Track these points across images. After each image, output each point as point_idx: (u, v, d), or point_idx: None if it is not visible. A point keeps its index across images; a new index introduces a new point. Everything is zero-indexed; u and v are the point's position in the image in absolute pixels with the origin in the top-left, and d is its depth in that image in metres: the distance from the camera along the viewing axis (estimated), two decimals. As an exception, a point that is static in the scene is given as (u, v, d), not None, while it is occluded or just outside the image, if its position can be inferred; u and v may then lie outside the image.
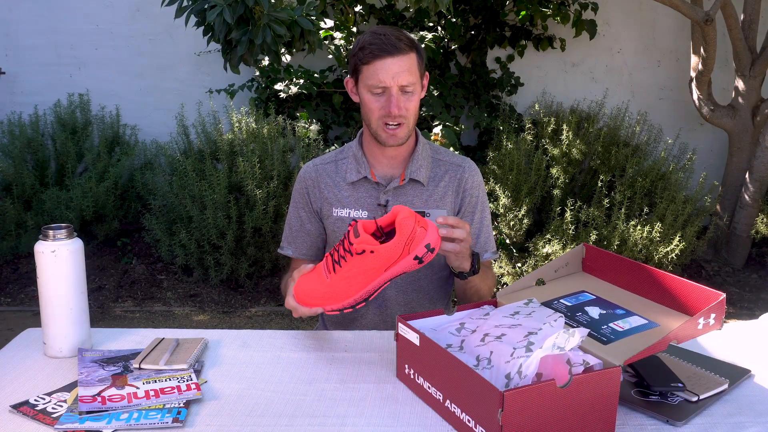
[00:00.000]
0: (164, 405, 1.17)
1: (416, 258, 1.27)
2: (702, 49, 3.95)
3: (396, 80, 1.54)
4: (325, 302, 1.32)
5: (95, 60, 4.53)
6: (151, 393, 1.20)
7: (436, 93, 4.06)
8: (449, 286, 1.78)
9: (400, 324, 1.26)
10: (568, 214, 3.58)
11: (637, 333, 1.20)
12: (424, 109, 4.02)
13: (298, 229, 1.73)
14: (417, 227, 1.26)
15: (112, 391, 1.21)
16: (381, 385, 1.26)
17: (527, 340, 1.12)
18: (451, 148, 3.48)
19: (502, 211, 3.70)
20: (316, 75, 4.07)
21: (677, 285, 1.28)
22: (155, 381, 1.25)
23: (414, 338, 1.21)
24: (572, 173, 3.90)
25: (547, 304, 1.33)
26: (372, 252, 1.26)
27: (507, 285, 3.51)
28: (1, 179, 3.97)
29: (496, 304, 1.37)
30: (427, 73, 1.67)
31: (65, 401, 1.19)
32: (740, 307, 3.75)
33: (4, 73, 4.50)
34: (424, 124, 4.10)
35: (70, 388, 1.24)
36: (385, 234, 1.32)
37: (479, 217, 1.70)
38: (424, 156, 1.68)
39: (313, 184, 1.70)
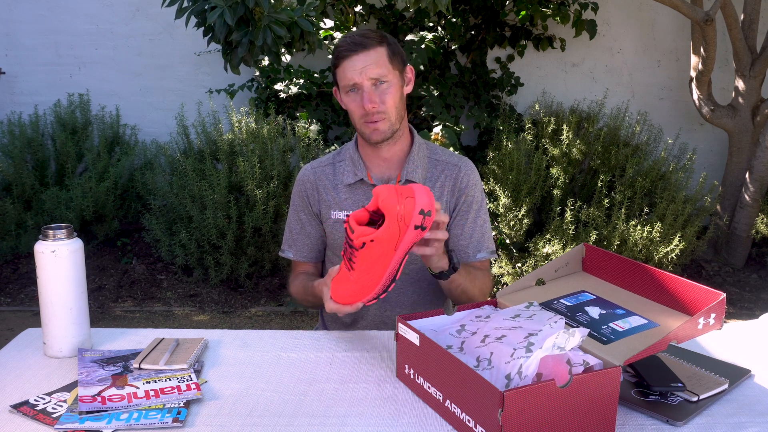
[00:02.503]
0: (164, 405, 1.17)
1: (417, 227, 1.26)
2: (702, 49, 3.95)
3: (365, 74, 1.54)
4: (360, 297, 1.33)
5: (95, 60, 4.53)
6: (151, 393, 1.20)
7: (436, 93, 4.06)
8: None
9: (400, 324, 1.26)
10: (568, 214, 3.58)
11: (637, 333, 1.20)
12: (424, 109, 4.02)
13: (299, 231, 1.73)
14: (404, 199, 1.25)
15: (112, 391, 1.21)
16: (381, 385, 1.26)
17: (527, 340, 1.12)
18: (451, 148, 3.48)
19: (502, 211, 3.70)
20: (316, 75, 4.07)
21: (677, 285, 1.28)
22: (155, 381, 1.25)
23: (414, 338, 1.21)
24: (572, 173, 3.90)
25: (547, 304, 1.33)
26: (372, 241, 1.26)
27: (507, 285, 3.51)
28: (1, 179, 3.97)
29: (496, 304, 1.37)
30: (410, 67, 1.65)
31: (65, 401, 1.19)
32: (740, 307, 3.75)
33: (4, 73, 4.50)
34: (423, 124, 4.10)
35: (70, 388, 1.24)
36: (380, 215, 1.32)
37: (473, 216, 1.68)
38: (420, 156, 1.68)
39: (311, 187, 1.71)
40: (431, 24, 4.24)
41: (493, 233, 3.72)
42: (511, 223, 3.67)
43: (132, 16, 4.49)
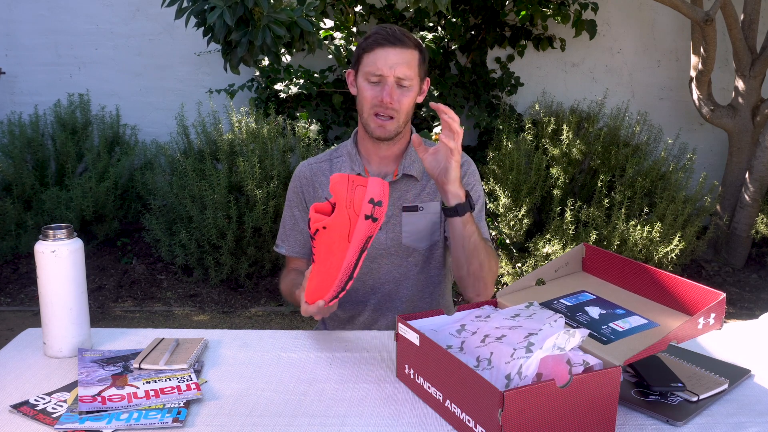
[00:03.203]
0: (164, 405, 1.17)
1: (367, 217, 1.25)
2: (702, 49, 3.95)
3: (393, 71, 1.55)
4: (321, 293, 1.33)
5: (95, 60, 4.53)
6: (151, 393, 1.20)
7: (436, 93, 4.06)
8: (448, 283, 1.78)
9: (400, 324, 1.26)
10: (568, 214, 3.58)
11: (637, 333, 1.20)
12: (424, 109, 4.02)
13: (291, 227, 1.75)
14: (354, 187, 1.25)
15: (112, 391, 1.21)
16: (381, 385, 1.26)
17: (527, 340, 1.12)
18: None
19: (502, 211, 3.70)
20: (316, 75, 4.07)
21: (677, 285, 1.28)
22: (155, 381, 1.25)
23: (414, 338, 1.21)
24: (572, 173, 3.90)
25: (547, 304, 1.33)
26: (324, 228, 1.27)
27: (507, 285, 3.51)
28: (1, 179, 3.97)
29: (496, 305, 1.37)
30: (428, 79, 1.67)
31: (65, 401, 1.19)
32: (740, 307, 3.75)
33: (4, 73, 4.50)
34: (423, 124, 4.10)
35: (70, 388, 1.24)
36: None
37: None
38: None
39: (307, 183, 1.72)
40: (431, 24, 4.24)
41: (493, 233, 3.73)
42: (511, 223, 3.67)
43: (132, 16, 4.49)
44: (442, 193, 1.51)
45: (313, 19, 2.72)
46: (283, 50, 3.02)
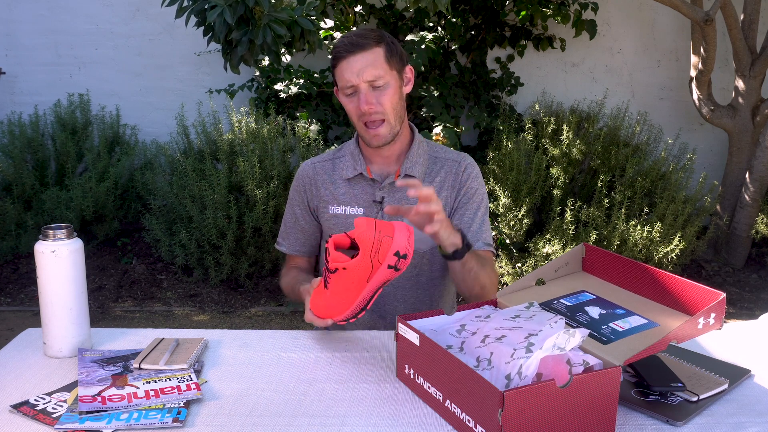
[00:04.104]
0: (164, 405, 1.17)
1: (390, 267, 1.27)
2: (702, 49, 3.95)
3: (361, 77, 1.54)
4: (332, 314, 1.37)
5: (95, 60, 4.53)
6: (151, 393, 1.20)
7: (436, 93, 4.06)
8: (450, 284, 1.78)
9: (400, 324, 1.26)
10: (568, 214, 3.58)
11: (637, 333, 1.20)
12: (424, 109, 4.02)
13: (292, 225, 1.76)
14: (381, 237, 1.26)
15: (112, 391, 1.21)
16: (381, 385, 1.26)
17: (527, 341, 1.12)
18: (452, 148, 3.48)
19: (502, 211, 3.70)
20: (316, 75, 4.07)
21: (677, 285, 1.28)
22: (155, 381, 1.25)
23: (414, 338, 1.21)
24: (572, 173, 3.90)
25: (547, 304, 1.33)
26: (345, 269, 1.29)
27: (507, 285, 3.51)
28: (1, 179, 3.97)
29: (496, 304, 1.37)
30: (409, 67, 1.65)
31: (65, 401, 1.19)
32: (740, 307, 3.75)
33: (4, 73, 4.50)
34: (424, 124, 4.10)
35: (70, 388, 1.24)
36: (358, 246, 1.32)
37: (474, 208, 1.67)
38: (420, 153, 1.68)
39: (310, 182, 1.72)
40: (431, 24, 4.24)
41: (493, 233, 3.73)
42: (511, 223, 3.67)
43: (132, 16, 4.49)
44: (437, 241, 1.46)
45: (314, 18, 2.72)
46: (283, 50, 3.02)
